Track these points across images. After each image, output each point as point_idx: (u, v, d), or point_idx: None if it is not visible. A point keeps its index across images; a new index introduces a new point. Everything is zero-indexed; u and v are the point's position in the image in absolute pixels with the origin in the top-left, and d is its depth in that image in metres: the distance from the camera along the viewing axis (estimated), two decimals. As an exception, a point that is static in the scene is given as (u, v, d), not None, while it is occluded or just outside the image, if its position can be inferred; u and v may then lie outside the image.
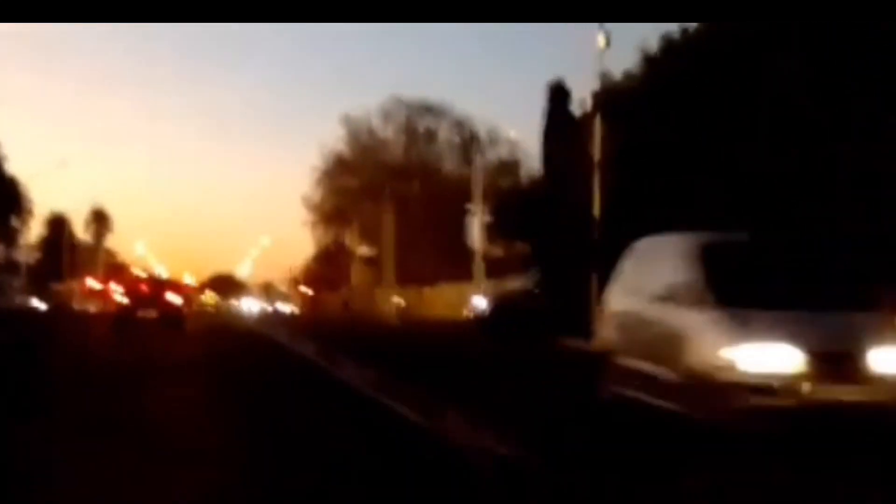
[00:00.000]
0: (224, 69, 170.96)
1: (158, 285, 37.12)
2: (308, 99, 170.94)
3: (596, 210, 26.02)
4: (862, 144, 19.76)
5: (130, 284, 37.90)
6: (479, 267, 45.73)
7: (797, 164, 21.00)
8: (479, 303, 32.43)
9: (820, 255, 10.53)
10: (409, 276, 71.77)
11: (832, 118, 20.34)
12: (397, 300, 64.11)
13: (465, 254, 65.44)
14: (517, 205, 38.27)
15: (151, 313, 34.21)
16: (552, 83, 37.26)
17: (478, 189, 49.01)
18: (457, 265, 66.48)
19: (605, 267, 26.78)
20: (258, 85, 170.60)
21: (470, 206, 67.69)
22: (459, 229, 67.78)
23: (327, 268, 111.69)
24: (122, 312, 35.12)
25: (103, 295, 58.00)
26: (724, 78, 22.49)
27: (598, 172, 25.77)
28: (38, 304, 53.35)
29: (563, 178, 33.47)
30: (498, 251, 51.62)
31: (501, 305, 29.70)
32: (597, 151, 25.63)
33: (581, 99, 34.65)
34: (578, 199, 28.36)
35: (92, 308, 65.65)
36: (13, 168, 72.45)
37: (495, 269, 49.18)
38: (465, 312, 36.08)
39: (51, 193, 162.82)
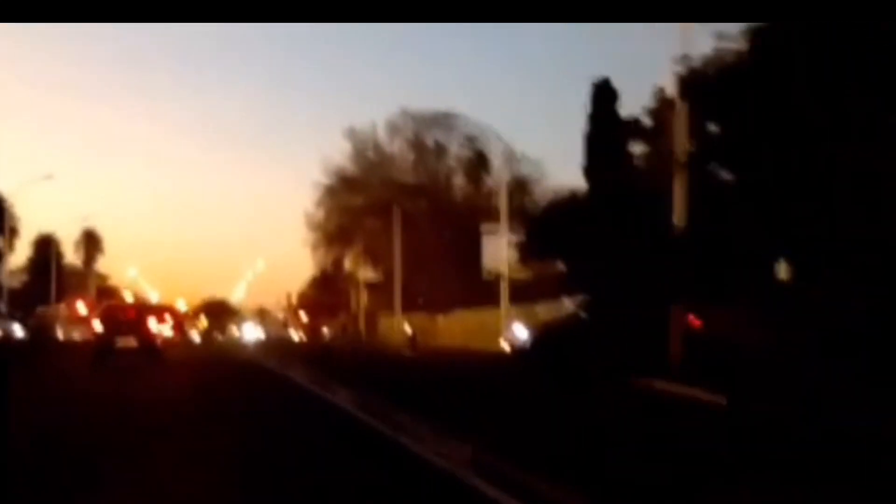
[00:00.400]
0: (222, 82, 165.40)
1: (139, 311, 34.19)
2: (310, 114, 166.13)
3: (678, 218, 21.36)
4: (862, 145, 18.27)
5: (107, 310, 34.65)
6: (505, 291, 40.97)
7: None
8: (520, 332, 27.65)
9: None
10: (416, 302, 67.13)
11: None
12: (408, 328, 59.28)
13: (479, 277, 60.90)
14: (555, 220, 33.57)
15: (131, 342, 31.41)
16: (597, 82, 32.91)
17: (503, 206, 44.28)
18: (470, 290, 61.93)
19: (690, 289, 22.80)
20: (257, 99, 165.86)
21: (485, 225, 63.25)
22: (473, 251, 63.25)
23: (325, 292, 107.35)
24: (99, 343, 32.04)
25: (90, 321, 53.38)
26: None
27: (680, 173, 21.14)
28: (18, 330, 48.57)
29: (612, 186, 29.07)
30: (523, 274, 46.74)
31: (549, 335, 24.92)
32: (681, 146, 21.01)
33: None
34: (642, 207, 23.86)
35: (77, 336, 60.80)
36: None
37: (520, 293, 44.36)
38: (502, 343, 31.34)
39: (39, 213, 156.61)
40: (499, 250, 60.60)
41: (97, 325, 32.44)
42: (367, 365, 34.14)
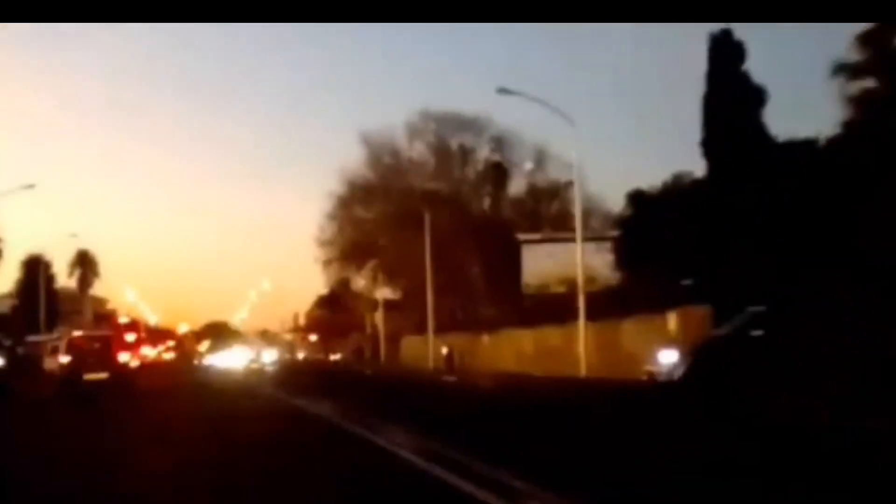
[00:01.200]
0: (223, 95, 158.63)
1: (107, 341, 31.95)
2: (318, 125, 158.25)
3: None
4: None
5: (73, 341, 32.43)
6: (583, 306, 34.21)
7: None
8: (666, 357, 21.07)
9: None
10: (449, 320, 60.46)
11: None
12: (444, 349, 52.55)
13: (517, 292, 54.46)
14: (664, 214, 26.95)
15: (101, 375, 29.26)
16: (716, 34, 26.51)
17: (578, 210, 37.54)
18: (509, 306, 55.43)
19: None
20: (261, 111, 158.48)
21: (523, 236, 56.75)
22: (509, 264, 56.73)
23: (335, 312, 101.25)
24: (66, 375, 30.01)
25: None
26: None
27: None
28: (-4, 361, 42.03)
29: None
30: (596, 285, 39.93)
31: (710, 360, 18.19)
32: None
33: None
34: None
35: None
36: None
37: (597, 307, 37.34)
38: (648, 369, 24.81)
39: (22, 230, 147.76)
40: (541, 260, 54.63)
41: (63, 358, 30.33)
42: (403, 393, 29.14)
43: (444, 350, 52.77)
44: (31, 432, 17.99)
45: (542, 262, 53.61)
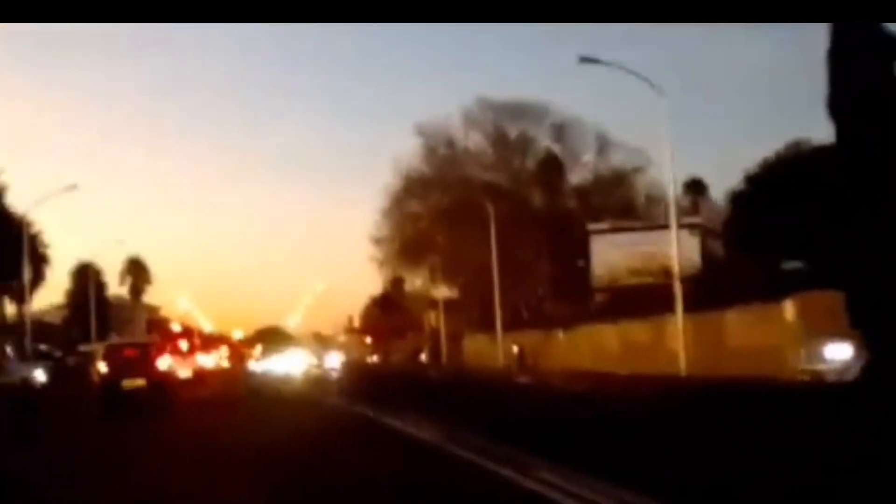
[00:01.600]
0: (272, 92, 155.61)
1: (145, 348, 31.36)
2: (371, 122, 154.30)
3: None
4: None
5: (110, 348, 31.78)
6: (679, 297, 30.79)
7: None
8: (837, 352, 17.66)
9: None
10: (515, 317, 57.35)
11: None
12: (515, 348, 49.40)
13: (586, 286, 51.31)
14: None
15: (139, 382, 28.45)
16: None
17: (671, 193, 34.24)
18: (576, 301, 52.35)
19: None
20: (312, 108, 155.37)
21: (593, 225, 53.44)
22: (577, 257, 53.56)
23: (389, 313, 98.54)
24: (104, 383, 28.86)
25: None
26: None
27: None
28: (40, 375, 39.33)
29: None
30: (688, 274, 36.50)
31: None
32: None
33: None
34: None
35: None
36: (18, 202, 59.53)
37: (693, 299, 33.94)
38: (809, 368, 21.48)
39: (65, 237, 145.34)
40: (610, 251, 51.43)
41: (101, 367, 29.39)
42: (491, 400, 25.46)
43: (515, 349, 49.63)
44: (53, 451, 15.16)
45: (612, 254, 50.51)
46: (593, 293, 51.71)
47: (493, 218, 53.22)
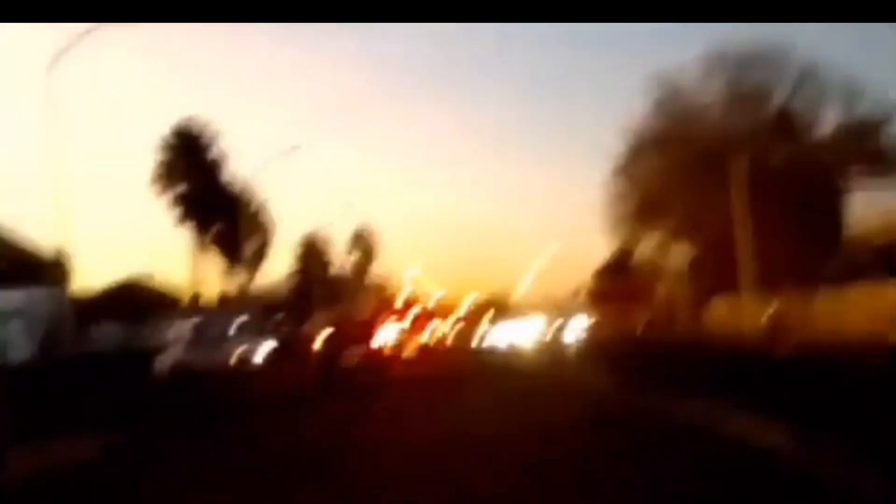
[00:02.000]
0: (498, 51, 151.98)
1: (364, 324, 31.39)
2: (599, 78, 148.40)
3: None
4: None
5: (332, 323, 31.35)
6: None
7: None
8: None
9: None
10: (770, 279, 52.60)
11: None
12: (770, 312, 44.41)
13: (838, 243, 46.65)
14: None
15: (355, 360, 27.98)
16: None
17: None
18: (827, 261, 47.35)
19: None
20: (537, 68, 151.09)
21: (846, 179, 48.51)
22: (831, 213, 48.93)
23: (624, 279, 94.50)
24: (322, 359, 28.50)
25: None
26: None
27: None
28: (264, 349, 37.21)
29: None
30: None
31: None
32: None
33: None
34: None
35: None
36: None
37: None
38: None
39: (299, 205, 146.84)
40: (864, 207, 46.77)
41: (319, 342, 29.46)
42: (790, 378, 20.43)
43: (770, 313, 44.46)
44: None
45: (867, 209, 46.17)
46: (851, 251, 46.83)
47: (723, 176, 49.22)
